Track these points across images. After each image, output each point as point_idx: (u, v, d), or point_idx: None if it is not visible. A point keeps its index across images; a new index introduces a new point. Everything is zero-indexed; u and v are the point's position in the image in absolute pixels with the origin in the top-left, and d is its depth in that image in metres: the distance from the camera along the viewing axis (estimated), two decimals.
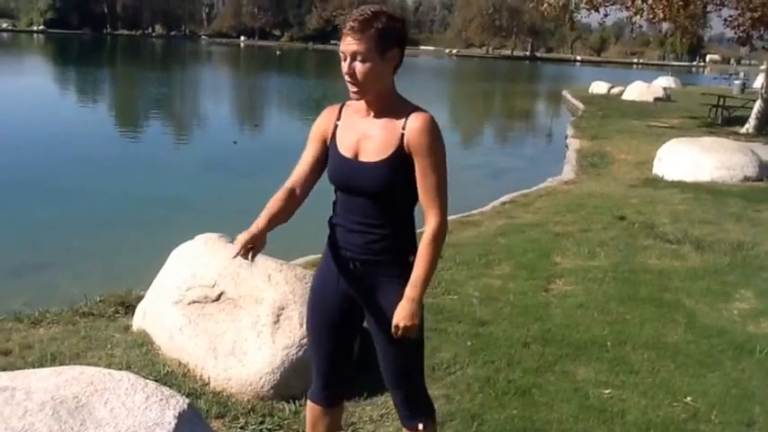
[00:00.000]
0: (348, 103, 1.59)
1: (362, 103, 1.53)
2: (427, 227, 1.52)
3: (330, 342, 1.69)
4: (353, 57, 1.45)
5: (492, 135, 14.98)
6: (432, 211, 1.51)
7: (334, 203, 1.61)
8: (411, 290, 1.51)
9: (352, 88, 1.47)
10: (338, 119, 1.58)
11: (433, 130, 1.49)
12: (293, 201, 1.55)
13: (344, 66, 1.46)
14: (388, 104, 1.51)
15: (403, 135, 1.49)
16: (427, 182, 1.50)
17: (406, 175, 1.50)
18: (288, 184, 1.57)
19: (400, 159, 1.49)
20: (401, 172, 1.49)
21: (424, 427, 1.67)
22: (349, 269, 1.58)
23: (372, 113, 1.53)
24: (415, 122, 1.48)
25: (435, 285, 3.51)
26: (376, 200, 1.52)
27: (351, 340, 1.73)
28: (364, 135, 1.52)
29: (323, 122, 1.60)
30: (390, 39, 1.46)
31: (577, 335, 2.94)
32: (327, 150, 1.58)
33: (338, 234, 1.59)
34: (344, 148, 1.54)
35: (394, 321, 1.51)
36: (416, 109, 1.52)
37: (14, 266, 4.47)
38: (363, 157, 1.51)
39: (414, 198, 1.55)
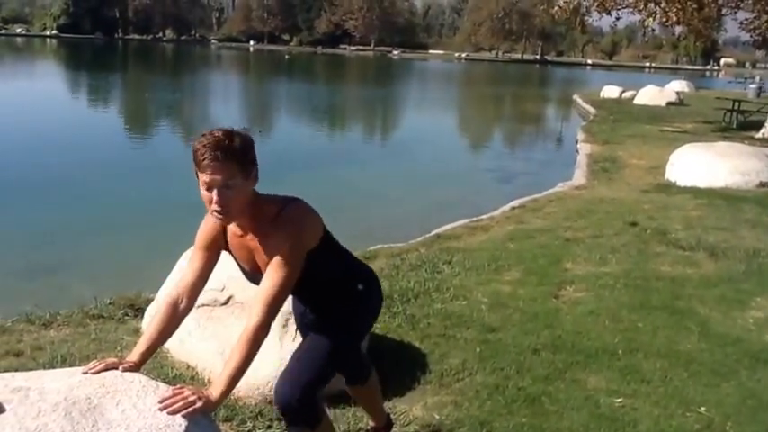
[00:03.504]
0: None
1: None
2: (248, 322, 1.45)
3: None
4: (223, 188, 1.40)
5: (502, 139, 14.92)
6: (258, 308, 1.45)
7: None
8: (213, 389, 1.40)
9: (218, 216, 1.44)
10: (224, 232, 1.57)
11: (286, 236, 1.46)
12: (179, 317, 1.56)
13: (213, 196, 1.41)
14: (254, 212, 1.49)
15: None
16: (266, 281, 1.47)
17: (307, 265, 1.50)
18: (174, 295, 1.57)
19: None
20: (302, 270, 1.50)
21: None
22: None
23: (246, 230, 1.53)
24: (272, 234, 1.48)
25: (444, 291, 3.50)
26: (307, 288, 1.60)
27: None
28: (253, 250, 1.54)
29: (210, 235, 1.58)
30: (250, 158, 1.45)
31: (588, 342, 2.91)
32: (219, 253, 1.59)
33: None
34: (243, 261, 1.59)
35: (180, 390, 1.39)
36: (280, 210, 1.49)
37: (26, 268, 4.51)
38: (261, 270, 1.53)
39: (330, 254, 1.60)
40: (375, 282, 1.78)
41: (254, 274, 1.59)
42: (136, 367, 1.49)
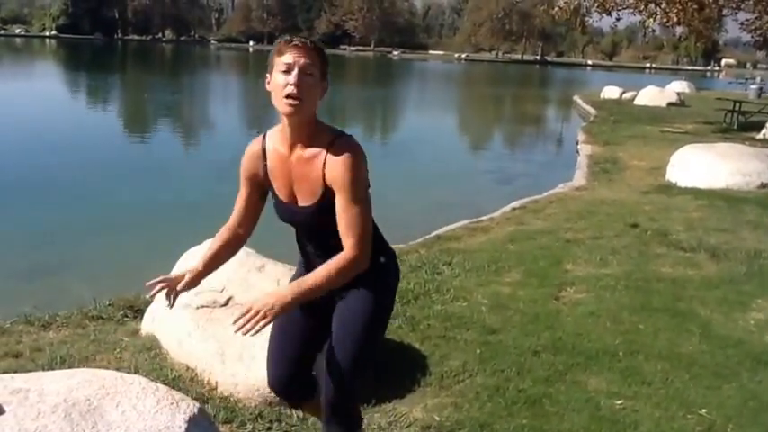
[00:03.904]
0: (269, 134, 1.56)
1: (284, 134, 1.50)
2: (343, 253, 1.46)
3: (296, 352, 1.68)
4: (303, 71, 1.42)
5: (502, 140, 14.90)
6: (350, 242, 1.45)
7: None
8: (289, 288, 1.45)
9: (293, 101, 1.42)
10: (264, 158, 1.55)
11: (352, 162, 1.44)
12: (237, 240, 1.62)
13: (291, 77, 1.41)
14: (312, 130, 1.48)
15: (324, 175, 1.46)
16: (347, 215, 1.45)
17: None
18: (231, 222, 1.62)
19: (330, 197, 1.48)
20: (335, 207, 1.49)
21: None
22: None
23: (295, 146, 1.49)
24: (333, 158, 1.45)
25: (444, 292, 3.49)
26: (327, 233, 1.51)
27: (316, 353, 1.72)
28: (294, 178, 1.52)
29: (250, 165, 1.58)
30: (328, 68, 1.49)
31: (589, 344, 2.90)
32: (261, 188, 1.58)
33: (305, 259, 1.63)
34: (281, 193, 1.55)
35: (250, 304, 1.42)
36: (336, 138, 1.48)
37: (25, 269, 4.50)
38: (301, 202, 1.52)
39: (369, 206, 1.54)
40: (395, 259, 1.70)
41: (288, 206, 1.53)
42: (198, 277, 1.57)
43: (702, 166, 6.96)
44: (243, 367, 2.38)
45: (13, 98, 16.11)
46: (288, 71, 1.42)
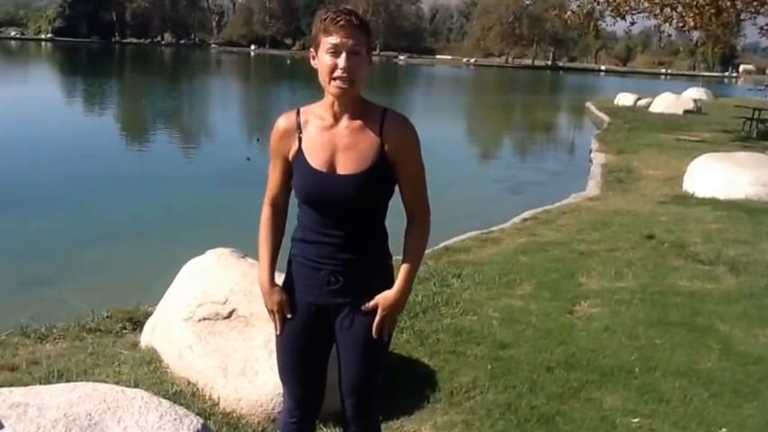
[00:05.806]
0: (303, 109, 1.53)
1: (325, 107, 1.48)
2: (420, 223, 1.55)
3: (307, 366, 1.61)
4: (351, 52, 1.41)
5: (512, 148, 14.79)
6: (421, 211, 1.55)
7: (300, 218, 1.55)
8: (402, 282, 1.52)
9: (343, 84, 1.41)
10: (299, 130, 1.50)
11: (413, 134, 1.50)
12: (281, 222, 1.61)
13: (340, 61, 1.40)
14: (359, 105, 1.49)
15: (382, 143, 1.46)
16: (416, 185, 1.53)
17: (387, 182, 1.50)
18: (268, 204, 1.59)
19: (382, 168, 1.46)
20: (383, 181, 1.49)
21: None
22: (328, 283, 1.51)
23: (342, 117, 1.47)
24: (394, 129, 1.48)
25: (453, 305, 3.42)
26: (356, 212, 1.48)
27: (325, 362, 1.65)
28: (338, 147, 1.47)
29: (280, 143, 1.52)
30: (371, 39, 1.49)
31: (604, 360, 2.82)
32: (293, 163, 1.52)
33: (312, 250, 1.52)
34: (317, 162, 1.47)
35: (381, 312, 1.51)
36: (386, 110, 1.50)
37: (22, 280, 4.46)
38: (341, 170, 1.46)
39: (387, 203, 1.56)
40: None
41: (325, 176, 1.45)
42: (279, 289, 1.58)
43: (721, 175, 6.80)
44: (246, 382, 2.32)
45: (7, 104, 15.63)
46: (336, 53, 1.40)
